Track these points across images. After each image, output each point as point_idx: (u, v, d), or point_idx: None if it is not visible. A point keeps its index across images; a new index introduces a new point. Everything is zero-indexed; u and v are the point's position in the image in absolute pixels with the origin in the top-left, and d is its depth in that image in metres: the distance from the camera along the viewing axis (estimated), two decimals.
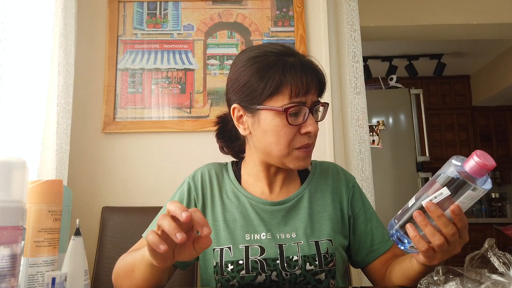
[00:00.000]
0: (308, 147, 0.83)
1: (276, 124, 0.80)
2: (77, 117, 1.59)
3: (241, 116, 0.85)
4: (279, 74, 0.79)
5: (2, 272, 0.50)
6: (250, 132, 0.85)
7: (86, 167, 1.61)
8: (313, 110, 0.82)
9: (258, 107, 0.81)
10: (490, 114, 4.52)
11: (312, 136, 0.83)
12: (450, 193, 0.62)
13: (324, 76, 0.85)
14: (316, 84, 0.82)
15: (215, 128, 0.98)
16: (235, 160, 1.00)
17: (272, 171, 0.91)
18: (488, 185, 0.61)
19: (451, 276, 0.61)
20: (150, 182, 1.62)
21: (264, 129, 0.82)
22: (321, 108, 0.86)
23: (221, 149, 0.99)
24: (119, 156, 1.64)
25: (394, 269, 0.83)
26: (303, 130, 0.80)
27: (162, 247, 0.57)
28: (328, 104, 0.86)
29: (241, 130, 0.87)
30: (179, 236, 0.56)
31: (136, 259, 0.74)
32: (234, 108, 0.86)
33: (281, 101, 0.79)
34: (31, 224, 0.62)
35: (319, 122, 0.85)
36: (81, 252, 0.67)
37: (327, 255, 0.83)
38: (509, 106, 4.50)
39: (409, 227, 0.66)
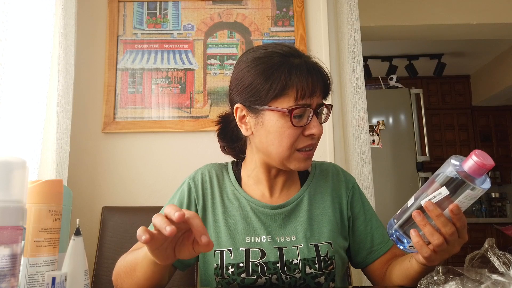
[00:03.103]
0: (311, 149, 0.83)
1: (280, 126, 0.79)
2: (77, 117, 1.59)
3: (244, 116, 0.85)
4: (285, 76, 0.78)
5: (2, 272, 0.50)
6: (253, 133, 0.84)
7: (86, 167, 1.61)
8: (317, 112, 0.81)
9: (262, 107, 0.80)
10: (490, 114, 4.52)
11: (316, 138, 0.82)
12: (449, 192, 0.62)
13: (329, 78, 0.84)
14: (322, 86, 0.81)
15: (217, 127, 0.97)
16: (235, 160, 0.99)
17: (273, 173, 0.90)
18: (487, 184, 0.62)
19: (451, 276, 0.61)
20: (150, 182, 1.62)
21: (267, 130, 0.81)
22: (325, 110, 0.85)
23: (222, 149, 0.98)
24: (119, 156, 1.64)
25: (394, 269, 0.83)
26: (307, 132, 0.80)
27: (169, 228, 0.56)
28: (331, 106, 0.86)
29: (244, 131, 0.86)
30: (168, 229, 0.56)
31: (138, 258, 0.74)
32: (237, 108, 0.85)
33: (286, 103, 0.78)
34: (31, 224, 0.62)
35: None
36: (81, 252, 0.67)
37: (326, 258, 0.83)
38: (509, 106, 4.50)
39: (412, 233, 0.66)
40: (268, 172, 0.90)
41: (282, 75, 0.78)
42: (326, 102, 0.85)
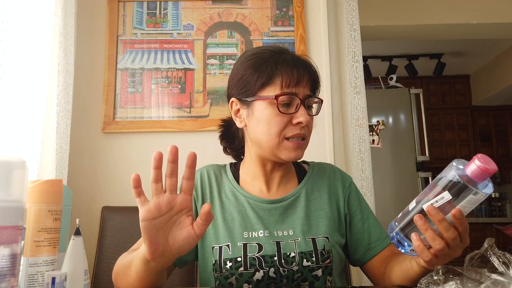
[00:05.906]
0: (300, 139, 0.85)
1: (269, 113, 0.84)
2: (77, 117, 1.59)
3: (238, 110, 0.90)
4: (271, 67, 0.84)
5: (2, 272, 0.50)
6: (246, 125, 0.89)
7: (86, 167, 1.61)
8: (305, 103, 0.84)
9: (252, 98, 0.85)
10: (490, 114, 4.52)
11: (305, 128, 0.85)
12: (451, 197, 0.62)
13: (316, 73, 0.89)
14: (308, 78, 0.86)
15: (219, 130, 1.02)
16: (233, 162, 1.02)
17: (269, 168, 0.93)
18: (490, 189, 0.61)
19: (451, 276, 0.61)
20: (150, 182, 1.61)
21: (257, 119, 0.85)
22: (315, 105, 0.89)
23: (225, 150, 1.03)
24: (119, 156, 1.64)
25: (394, 269, 0.83)
26: (295, 121, 0.83)
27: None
28: (322, 100, 0.90)
29: (238, 123, 0.91)
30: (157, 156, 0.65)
31: (134, 256, 0.74)
32: (232, 102, 0.91)
33: (273, 91, 0.83)
34: (31, 223, 0.62)
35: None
36: (81, 252, 0.67)
37: (323, 252, 0.84)
38: (509, 106, 4.49)
39: (413, 236, 0.66)
40: (264, 167, 0.92)
41: (269, 66, 0.84)
42: (317, 97, 0.89)
